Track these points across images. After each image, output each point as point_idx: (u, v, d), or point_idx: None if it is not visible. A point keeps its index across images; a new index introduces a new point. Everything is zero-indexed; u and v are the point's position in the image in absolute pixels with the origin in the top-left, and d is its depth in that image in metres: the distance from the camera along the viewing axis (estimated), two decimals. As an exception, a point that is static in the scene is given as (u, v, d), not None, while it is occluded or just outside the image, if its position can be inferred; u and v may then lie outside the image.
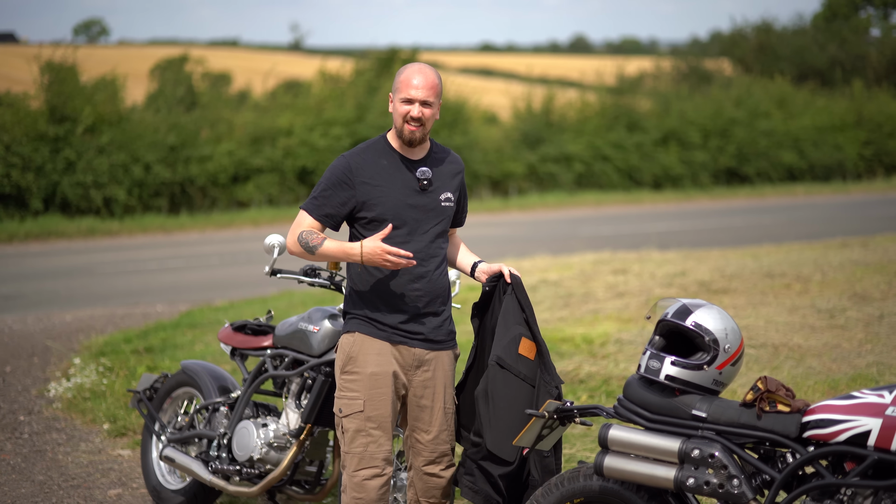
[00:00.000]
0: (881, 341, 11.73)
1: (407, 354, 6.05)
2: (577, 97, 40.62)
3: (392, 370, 6.00)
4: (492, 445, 6.00)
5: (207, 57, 51.40)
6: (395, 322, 6.00)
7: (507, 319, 6.08)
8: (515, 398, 5.99)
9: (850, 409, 5.02)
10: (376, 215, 5.96)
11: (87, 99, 29.44)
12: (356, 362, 5.98)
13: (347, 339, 6.05)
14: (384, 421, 5.99)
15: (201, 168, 30.78)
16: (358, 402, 5.97)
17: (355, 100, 34.23)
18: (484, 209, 32.85)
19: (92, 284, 18.52)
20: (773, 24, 59.27)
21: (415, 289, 6.02)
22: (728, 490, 5.16)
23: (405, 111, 5.96)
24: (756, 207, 33.50)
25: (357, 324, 6.03)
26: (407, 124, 5.97)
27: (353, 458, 5.98)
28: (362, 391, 5.97)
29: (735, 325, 5.46)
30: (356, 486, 5.97)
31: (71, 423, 10.21)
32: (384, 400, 5.98)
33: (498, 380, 6.00)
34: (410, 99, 5.95)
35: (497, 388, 6.00)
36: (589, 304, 14.53)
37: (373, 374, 5.97)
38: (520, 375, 6.01)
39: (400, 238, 5.98)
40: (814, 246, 20.21)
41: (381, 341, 6.00)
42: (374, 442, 5.97)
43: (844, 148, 42.98)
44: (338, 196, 5.96)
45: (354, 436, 5.97)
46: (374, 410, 5.97)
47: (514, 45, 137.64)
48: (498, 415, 5.99)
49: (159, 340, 13.06)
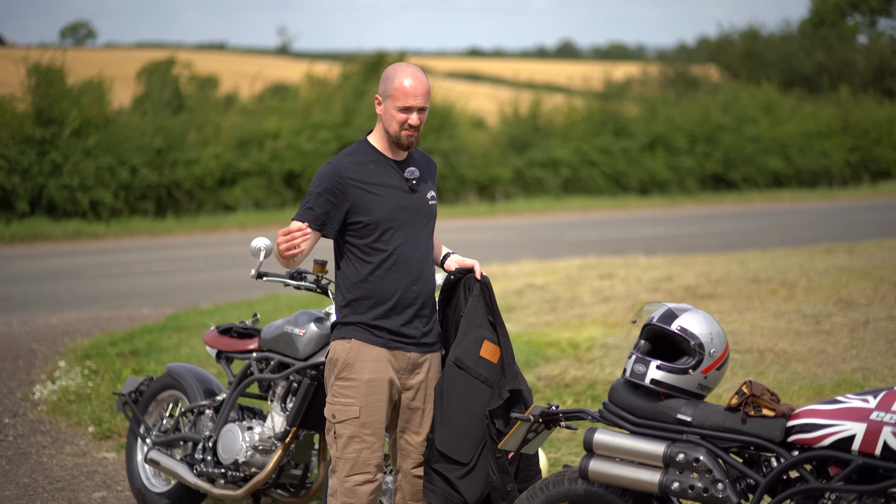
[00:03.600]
0: (866, 347, 11.76)
1: (402, 359, 6.03)
2: (565, 102, 40.67)
3: (389, 377, 5.97)
4: (441, 444, 5.99)
5: (194, 60, 51.37)
6: (394, 326, 5.96)
7: (471, 321, 6.06)
8: (473, 400, 5.97)
9: (835, 414, 5.03)
10: (371, 219, 5.91)
11: (73, 102, 29.40)
12: (353, 369, 5.95)
13: (343, 345, 5.99)
14: (378, 427, 5.97)
15: (188, 171, 30.74)
16: (353, 408, 5.93)
17: (342, 104, 34.22)
18: (471, 214, 32.86)
19: (77, 287, 18.49)
20: (760, 31, 59.45)
21: (414, 290, 6.00)
22: (712, 494, 5.17)
23: (403, 119, 5.91)
24: (742, 213, 33.55)
25: (353, 330, 5.98)
26: (405, 131, 5.94)
27: (346, 463, 5.95)
28: (358, 398, 5.94)
29: (720, 329, 5.47)
30: (347, 492, 5.95)
31: (56, 425, 10.19)
32: (379, 406, 5.96)
33: (454, 380, 5.99)
34: (409, 107, 5.92)
35: (452, 389, 5.99)
36: (575, 308, 14.54)
37: (370, 380, 5.94)
38: (480, 378, 5.99)
39: (395, 240, 5.95)
40: (799, 252, 20.26)
41: (378, 348, 5.96)
42: (368, 448, 5.95)
43: (831, 154, 43.07)
44: (332, 203, 5.87)
45: (348, 441, 5.94)
46: (369, 417, 5.95)
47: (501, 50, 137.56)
48: (451, 415, 5.98)
49: (145, 343, 13.04)
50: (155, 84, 39.01)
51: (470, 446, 5.99)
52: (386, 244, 5.93)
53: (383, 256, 5.93)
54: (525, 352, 11.99)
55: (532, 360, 11.63)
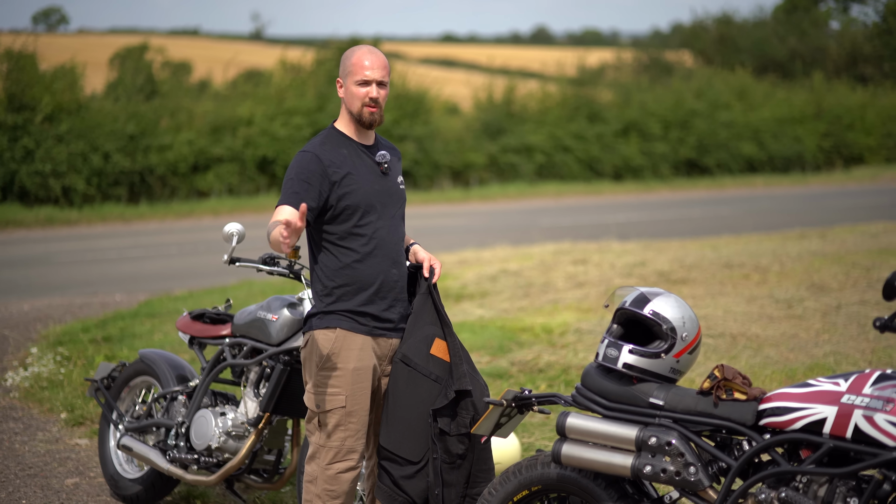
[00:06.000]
0: (838, 331, 11.81)
1: (385, 346, 6.01)
2: (539, 88, 40.69)
3: (373, 364, 5.96)
4: (386, 442, 5.98)
5: (167, 46, 51.22)
6: (377, 311, 5.94)
7: (419, 318, 6.03)
8: (423, 398, 5.94)
9: (806, 397, 5.04)
10: (350, 203, 5.88)
11: (45, 87, 29.29)
12: (338, 358, 5.91)
13: (327, 335, 5.94)
14: (363, 415, 5.96)
15: (161, 157, 30.66)
16: (340, 397, 5.90)
17: (316, 89, 34.18)
18: (445, 199, 32.86)
19: (50, 274, 18.42)
20: (734, 17, 59.70)
21: (394, 274, 5.99)
22: (685, 477, 5.18)
23: (363, 93, 5.91)
24: (715, 198, 33.63)
25: (337, 319, 5.94)
26: (367, 107, 5.92)
27: (330, 451, 5.93)
28: (345, 387, 5.91)
29: (692, 313, 5.48)
30: (330, 479, 5.94)
31: (28, 412, 10.15)
32: (365, 394, 5.95)
33: (400, 378, 5.98)
34: (367, 80, 5.90)
35: (397, 386, 5.97)
36: (549, 294, 14.56)
37: (355, 369, 5.92)
38: (430, 376, 5.96)
39: (374, 224, 5.93)
40: (772, 237, 20.33)
41: (363, 336, 5.94)
42: (353, 436, 5.94)
43: (804, 140, 43.22)
44: (315, 188, 5.82)
45: (334, 430, 5.91)
46: (355, 405, 5.93)
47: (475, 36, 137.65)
48: (397, 412, 5.96)
49: (118, 330, 13.00)
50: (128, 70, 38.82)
51: (420, 444, 5.96)
52: (365, 228, 5.92)
53: (364, 241, 5.91)
54: (499, 337, 12.01)
55: (506, 346, 11.64)
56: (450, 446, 5.93)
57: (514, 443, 7.75)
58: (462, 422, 5.93)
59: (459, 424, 5.93)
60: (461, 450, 5.95)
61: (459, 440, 5.94)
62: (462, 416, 5.93)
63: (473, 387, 5.97)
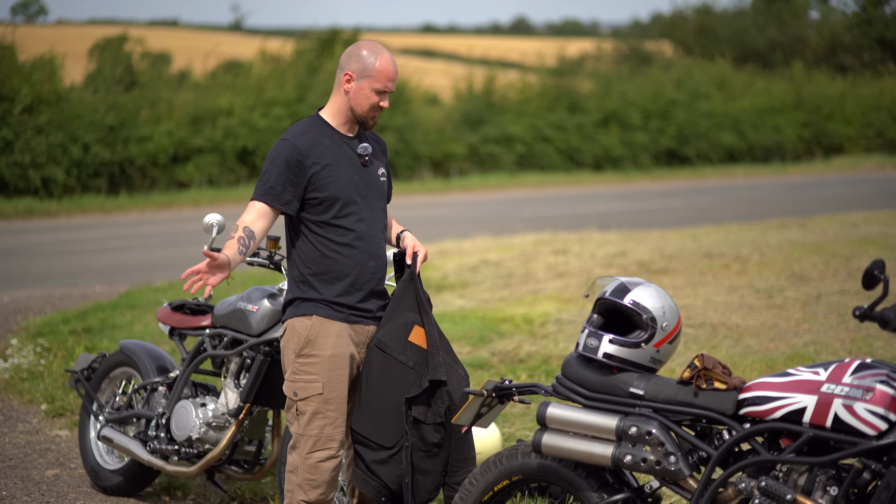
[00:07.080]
0: (818, 321, 11.86)
1: (362, 333, 6.01)
2: (519, 78, 40.65)
3: (350, 351, 5.95)
4: (358, 426, 5.98)
5: (147, 37, 50.95)
6: (353, 302, 5.94)
7: (399, 305, 6.01)
8: (398, 385, 5.94)
9: (786, 387, 5.05)
10: (328, 195, 5.87)
11: (24, 78, 29.15)
12: (315, 345, 5.91)
13: (304, 322, 5.94)
14: (341, 402, 5.95)
15: (141, 148, 30.54)
16: (316, 384, 5.90)
17: (296, 80, 34.10)
18: (425, 190, 32.83)
19: (30, 265, 18.37)
20: (714, 6, 59.74)
21: (371, 266, 5.98)
22: (665, 467, 5.19)
23: (377, 101, 5.93)
24: (696, 188, 33.67)
25: (314, 307, 5.94)
26: (374, 112, 5.96)
27: (309, 440, 5.93)
28: (321, 374, 5.91)
29: (672, 303, 5.49)
30: (310, 468, 5.93)
31: (8, 403, 10.13)
32: (342, 381, 5.95)
33: (375, 363, 5.97)
34: (385, 91, 5.94)
35: (372, 371, 5.97)
36: (529, 284, 14.58)
37: (332, 356, 5.92)
38: (407, 363, 5.95)
39: (353, 216, 5.92)
40: (752, 227, 20.38)
41: (340, 323, 5.94)
42: (331, 424, 5.93)
43: (783, 129, 43.26)
44: (293, 180, 5.82)
45: (311, 418, 5.91)
46: (332, 392, 5.92)
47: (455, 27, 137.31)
48: (370, 397, 5.96)
49: (98, 321, 12.98)
50: (107, 61, 38.60)
51: (393, 430, 5.95)
52: (344, 220, 5.91)
53: (341, 232, 5.91)
54: (479, 327, 12.02)
55: (486, 336, 11.65)
56: (425, 434, 5.93)
57: (495, 433, 7.76)
58: (437, 411, 5.93)
59: (435, 413, 5.93)
60: (437, 438, 5.95)
61: (435, 429, 5.94)
62: (437, 405, 5.93)
63: (450, 376, 5.96)
